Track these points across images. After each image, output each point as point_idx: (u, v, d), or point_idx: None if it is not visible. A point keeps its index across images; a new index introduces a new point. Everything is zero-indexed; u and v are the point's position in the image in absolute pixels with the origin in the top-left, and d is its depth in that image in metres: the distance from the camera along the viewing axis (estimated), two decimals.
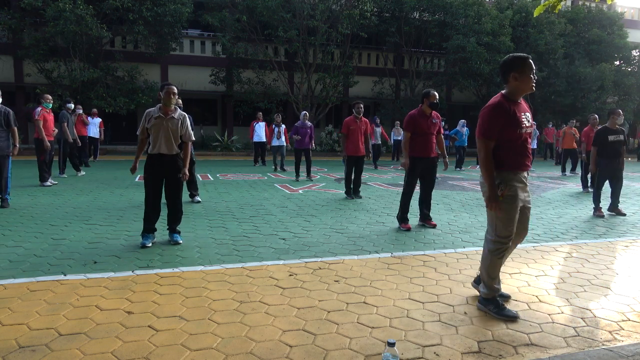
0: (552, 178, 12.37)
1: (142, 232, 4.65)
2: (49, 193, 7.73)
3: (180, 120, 4.62)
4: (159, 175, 4.63)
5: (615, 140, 6.77)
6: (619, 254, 4.73)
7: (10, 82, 19.00)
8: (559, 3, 3.36)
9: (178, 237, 4.74)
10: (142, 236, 4.63)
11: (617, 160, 6.79)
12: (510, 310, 3.07)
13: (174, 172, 4.63)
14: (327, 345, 2.61)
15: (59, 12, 15.40)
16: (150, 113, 4.58)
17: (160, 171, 4.61)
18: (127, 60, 18.71)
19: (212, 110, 23.50)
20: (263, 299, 3.25)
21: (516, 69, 3.01)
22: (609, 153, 6.78)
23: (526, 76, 3.00)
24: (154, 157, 4.58)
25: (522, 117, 3.06)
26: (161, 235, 5.04)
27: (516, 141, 3.06)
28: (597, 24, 24.15)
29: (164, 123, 4.52)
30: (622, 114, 7.55)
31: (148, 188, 4.65)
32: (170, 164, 4.60)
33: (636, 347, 2.63)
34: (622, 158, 6.83)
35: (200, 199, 7.32)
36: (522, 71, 3.00)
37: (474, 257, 4.44)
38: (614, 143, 6.77)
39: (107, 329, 2.73)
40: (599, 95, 22.66)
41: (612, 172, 6.87)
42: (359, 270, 3.97)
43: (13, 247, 4.42)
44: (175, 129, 4.57)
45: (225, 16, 18.85)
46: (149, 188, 4.64)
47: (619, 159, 6.79)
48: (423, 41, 22.62)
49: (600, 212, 6.81)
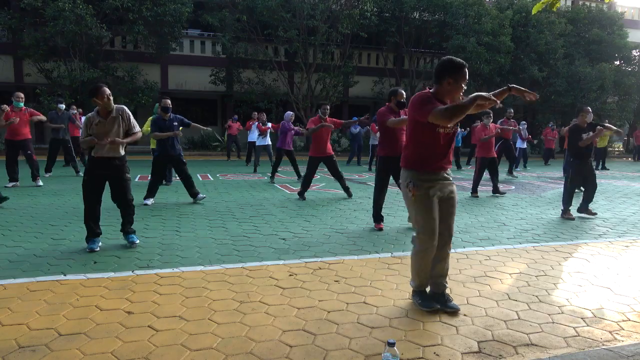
0: (552, 178, 12.37)
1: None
2: (49, 193, 7.73)
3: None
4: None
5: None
6: (619, 254, 4.73)
7: (10, 82, 19.00)
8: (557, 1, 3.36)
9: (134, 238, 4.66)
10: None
11: (588, 160, 6.64)
12: (432, 303, 3.11)
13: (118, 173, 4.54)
14: (327, 345, 2.60)
15: (58, 11, 15.41)
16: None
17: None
18: (127, 60, 18.72)
19: (212, 110, 23.49)
20: (263, 299, 3.25)
21: (452, 75, 2.95)
22: (582, 152, 6.56)
23: (459, 85, 2.97)
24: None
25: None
26: (162, 235, 5.04)
27: (433, 142, 3.05)
28: (597, 24, 24.15)
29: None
30: (590, 111, 7.44)
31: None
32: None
33: (636, 347, 2.63)
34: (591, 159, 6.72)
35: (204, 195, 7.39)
36: (456, 79, 2.94)
37: (474, 257, 4.44)
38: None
39: (107, 329, 2.73)
40: (599, 95, 22.67)
41: (586, 172, 6.64)
42: (359, 270, 3.97)
43: (13, 247, 4.42)
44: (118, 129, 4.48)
45: (225, 16, 18.86)
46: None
47: (590, 159, 6.65)
48: (423, 41, 22.64)
49: (569, 215, 6.59)
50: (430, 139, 3.06)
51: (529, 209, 7.33)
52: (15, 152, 8.35)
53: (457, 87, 2.97)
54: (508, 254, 4.61)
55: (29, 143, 8.43)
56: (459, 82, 2.95)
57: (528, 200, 8.20)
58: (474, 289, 3.55)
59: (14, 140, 8.26)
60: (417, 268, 3.17)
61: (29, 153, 8.40)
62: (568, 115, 23.86)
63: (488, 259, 4.40)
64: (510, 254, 4.62)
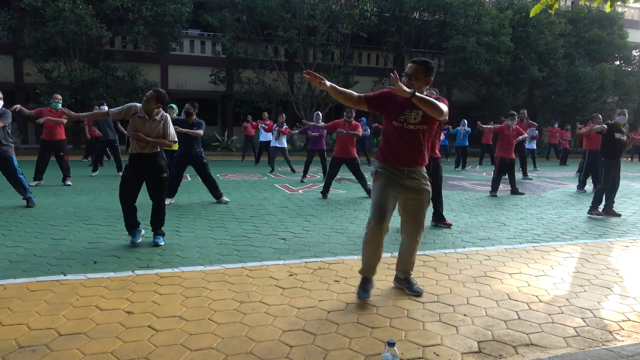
0: (552, 178, 12.36)
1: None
2: (49, 193, 7.73)
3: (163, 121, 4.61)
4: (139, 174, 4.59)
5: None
6: (619, 254, 4.73)
7: (10, 82, 18.99)
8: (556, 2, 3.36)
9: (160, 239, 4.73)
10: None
11: (619, 160, 6.71)
12: (365, 294, 3.26)
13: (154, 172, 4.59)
14: (327, 345, 2.60)
15: (58, 12, 15.39)
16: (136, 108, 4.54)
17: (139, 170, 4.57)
18: (127, 60, 18.69)
19: (212, 110, 23.47)
20: (263, 299, 3.25)
21: (431, 76, 3.16)
22: (613, 152, 6.67)
23: (428, 85, 3.22)
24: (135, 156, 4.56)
25: (405, 113, 3.11)
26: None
27: (391, 133, 3.18)
28: (597, 24, 24.12)
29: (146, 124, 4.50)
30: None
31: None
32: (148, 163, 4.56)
33: (636, 347, 2.63)
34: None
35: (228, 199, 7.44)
36: (430, 80, 3.18)
37: (474, 257, 4.44)
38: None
39: (107, 329, 2.73)
40: (599, 95, 22.65)
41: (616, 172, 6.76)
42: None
43: (13, 247, 4.41)
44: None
45: (225, 16, 18.84)
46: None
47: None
48: (423, 41, 22.62)
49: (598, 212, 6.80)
50: (387, 132, 3.26)
51: (529, 209, 7.33)
52: (48, 152, 8.54)
53: (426, 88, 3.27)
54: (508, 254, 4.62)
55: (63, 144, 8.57)
56: (429, 84, 3.25)
57: (528, 200, 8.19)
58: (474, 289, 3.55)
59: (48, 140, 8.43)
60: (363, 251, 3.33)
61: (62, 154, 8.55)
62: (568, 115, 23.86)
63: (488, 259, 4.40)
64: (510, 254, 4.62)
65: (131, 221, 4.61)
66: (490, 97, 22.41)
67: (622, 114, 6.83)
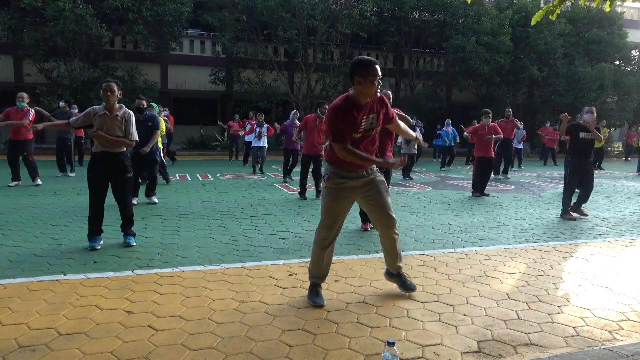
0: (552, 178, 12.36)
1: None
2: (49, 193, 7.73)
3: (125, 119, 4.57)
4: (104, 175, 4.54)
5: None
6: (619, 254, 4.73)
7: (10, 82, 19.00)
8: (558, 8, 3.32)
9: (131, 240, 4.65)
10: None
11: (587, 160, 6.64)
12: (319, 299, 3.19)
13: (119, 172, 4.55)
14: (327, 345, 2.61)
15: (58, 12, 15.40)
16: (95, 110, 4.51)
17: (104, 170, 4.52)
18: (127, 60, 18.70)
19: (212, 110, 23.49)
20: (263, 299, 3.25)
21: (360, 74, 2.98)
22: (579, 152, 6.63)
23: (369, 82, 2.99)
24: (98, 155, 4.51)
25: (363, 121, 3.06)
26: (162, 235, 5.04)
27: (353, 143, 3.10)
28: (597, 24, 24.14)
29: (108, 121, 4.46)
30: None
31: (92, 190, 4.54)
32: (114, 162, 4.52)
33: (636, 347, 2.63)
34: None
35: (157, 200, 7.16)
36: (365, 76, 2.97)
37: (474, 257, 4.44)
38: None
39: (107, 329, 2.73)
40: (599, 95, 22.65)
41: (583, 173, 6.65)
42: (359, 270, 3.97)
43: (13, 247, 4.42)
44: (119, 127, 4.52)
45: (225, 16, 18.84)
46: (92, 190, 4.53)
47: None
48: (423, 41, 22.62)
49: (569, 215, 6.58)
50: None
51: (529, 209, 7.33)
52: (17, 152, 8.45)
53: (368, 84, 3.01)
54: (508, 254, 4.62)
55: (28, 144, 8.48)
56: (368, 79, 2.98)
57: (528, 200, 8.20)
58: (474, 289, 3.55)
59: (14, 140, 8.37)
60: (312, 257, 3.31)
61: (26, 155, 8.47)
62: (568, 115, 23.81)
63: (488, 259, 4.40)
64: (510, 254, 4.62)
65: (97, 226, 4.51)
66: (490, 97, 22.41)
67: (590, 112, 6.63)
